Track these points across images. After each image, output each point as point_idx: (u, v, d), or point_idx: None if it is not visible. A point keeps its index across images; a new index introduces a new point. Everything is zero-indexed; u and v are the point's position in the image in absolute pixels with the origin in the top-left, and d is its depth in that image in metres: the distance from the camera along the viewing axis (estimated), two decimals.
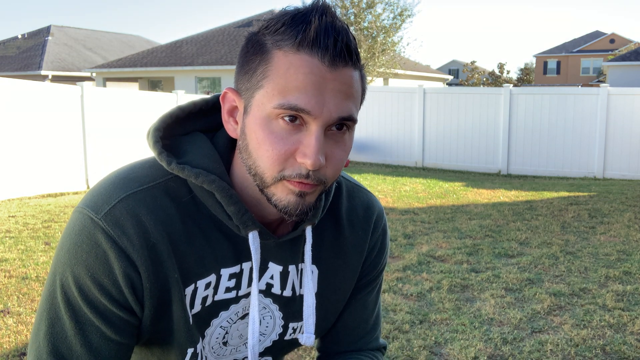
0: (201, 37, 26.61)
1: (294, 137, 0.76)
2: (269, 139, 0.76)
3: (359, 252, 1.00)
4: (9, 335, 3.68)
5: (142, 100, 11.57)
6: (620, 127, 12.05)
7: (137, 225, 0.79)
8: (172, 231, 0.82)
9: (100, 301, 0.80)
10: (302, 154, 0.76)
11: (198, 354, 0.89)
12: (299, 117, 0.76)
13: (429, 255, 5.56)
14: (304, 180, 0.77)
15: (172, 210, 0.82)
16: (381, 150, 14.20)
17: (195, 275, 0.84)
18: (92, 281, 0.79)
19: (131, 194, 0.80)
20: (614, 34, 50.68)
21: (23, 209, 7.79)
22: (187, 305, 0.84)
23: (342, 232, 0.97)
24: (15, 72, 25.09)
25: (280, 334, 0.97)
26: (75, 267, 0.79)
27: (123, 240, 0.78)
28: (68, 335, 0.80)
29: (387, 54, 20.27)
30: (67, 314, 0.80)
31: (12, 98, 8.88)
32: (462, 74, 51.52)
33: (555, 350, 3.48)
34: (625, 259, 5.40)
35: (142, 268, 0.79)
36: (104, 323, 0.81)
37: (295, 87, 0.74)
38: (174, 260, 0.82)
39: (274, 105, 0.75)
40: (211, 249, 0.85)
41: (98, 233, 0.78)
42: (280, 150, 0.76)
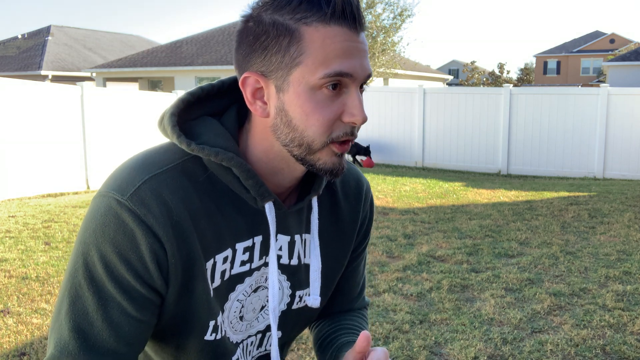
0: (201, 37, 26.61)
1: (337, 102, 0.85)
2: (318, 108, 0.84)
3: (353, 222, 1.09)
4: (9, 335, 3.68)
5: (142, 100, 11.57)
6: (620, 127, 12.05)
7: (162, 204, 0.84)
8: (192, 209, 0.87)
9: (125, 277, 0.83)
10: (350, 114, 0.85)
11: (218, 326, 0.94)
12: (339, 83, 0.84)
13: (429, 255, 5.56)
14: (349, 138, 0.87)
15: (191, 189, 0.88)
16: (381, 150, 14.19)
17: (214, 250, 0.90)
18: (119, 257, 0.82)
19: (153, 176, 0.86)
20: (614, 34, 50.67)
21: (23, 209, 7.79)
22: (208, 280, 0.90)
23: (338, 203, 1.06)
24: (15, 72, 25.08)
25: (289, 303, 1.03)
26: (101, 245, 0.83)
27: (149, 218, 0.83)
28: (89, 312, 0.83)
29: (387, 54, 20.26)
30: (90, 290, 0.83)
31: (12, 98, 8.88)
32: (462, 74, 51.52)
33: (555, 350, 3.48)
34: (625, 259, 5.40)
35: (167, 244, 0.84)
36: (126, 299, 0.84)
37: (336, 56, 0.83)
38: (195, 237, 0.87)
39: (320, 76, 0.83)
40: (227, 225, 0.91)
41: (124, 213, 0.82)
42: (329, 116, 0.85)
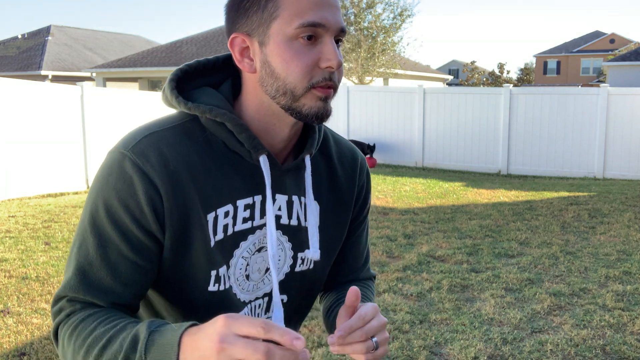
0: (201, 37, 26.60)
1: (314, 50, 0.93)
2: (296, 55, 0.92)
3: (350, 189, 1.15)
4: (9, 335, 3.68)
5: (142, 100, 11.57)
6: (620, 127, 12.05)
7: (159, 155, 0.92)
8: (191, 162, 0.95)
9: (123, 221, 0.91)
10: (326, 59, 0.92)
11: (221, 277, 0.99)
12: (314, 34, 0.92)
13: (429, 255, 5.56)
14: (329, 83, 0.94)
15: (189, 146, 0.96)
16: (381, 150, 14.19)
17: (215, 203, 0.96)
18: (119, 202, 0.91)
19: (153, 132, 0.95)
20: (614, 34, 50.66)
21: (23, 209, 7.79)
22: (209, 231, 0.96)
23: (335, 171, 1.13)
24: (15, 72, 25.08)
25: (291, 265, 1.08)
26: (105, 192, 0.92)
27: (147, 167, 0.91)
28: (90, 253, 0.92)
29: (387, 54, 20.26)
30: (92, 233, 0.92)
31: (12, 98, 8.88)
32: (462, 74, 51.52)
33: (555, 350, 3.48)
34: (625, 259, 5.40)
35: (162, 190, 0.91)
36: (123, 241, 0.91)
37: (309, 8, 0.91)
38: (193, 187, 0.94)
39: (296, 26, 0.91)
40: (226, 181, 0.98)
41: (126, 162, 0.91)
42: (307, 62, 0.92)
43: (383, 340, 0.95)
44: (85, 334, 0.88)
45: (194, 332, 0.79)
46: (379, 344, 0.93)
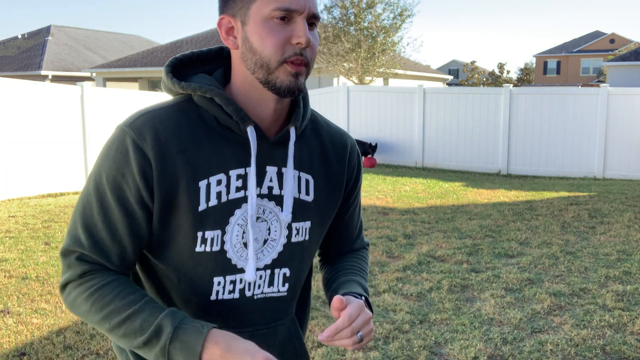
0: (201, 37, 26.60)
1: (286, 29, 1.04)
2: (270, 32, 1.04)
3: (342, 170, 1.24)
4: (9, 335, 3.68)
5: (142, 100, 11.57)
6: (620, 127, 12.05)
7: (152, 130, 1.05)
8: (182, 136, 1.07)
9: (121, 188, 1.04)
10: (296, 36, 1.04)
11: (208, 239, 1.08)
12: (287, 15, 1.04)
13: (429, 255, 5.56)
14: (299, 58, 1.05)
15: (182, 122, 1.08)
16: (381, 150, 14.19)
17: (206, 172, 1.07)
18: (117, 171, 1.04)
19: (150, 111, 1.08)
20: (614, 34, 50.66)
21: (23, 209, 7.79)
22: (201, 196, 1.07)
23: (327, 148, 1.22)
24: (15, 72, 25.08)
25: (287, 235, 1.16)
26: (107, 162, 1.06)
27: (141, 141, 1.04)
28: (94, 215, 1.06)
29: (387, 54, 20.25)
30: (95, 197, 1.06)
31: (12, 98, 8.88)
32: (462, 74, 51.52)
33: (555, 350, 3.48)
34: (625, 259, 5.40)
35: (153, 161, 1.04)
36: (120, 206, 1.05)
37: None
38: (183, 158, 1.06)
39: (272, 8, 1.03)
40: (219, 153, 1.08)
41: (125, 137, 1.05)
42: (280, 37, 1.04)
43: (367, 332, 1.07)
44: (102, 303, 1.03)
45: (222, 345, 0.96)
46: (364, 336, 1.07)
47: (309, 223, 1.18)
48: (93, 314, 1.05)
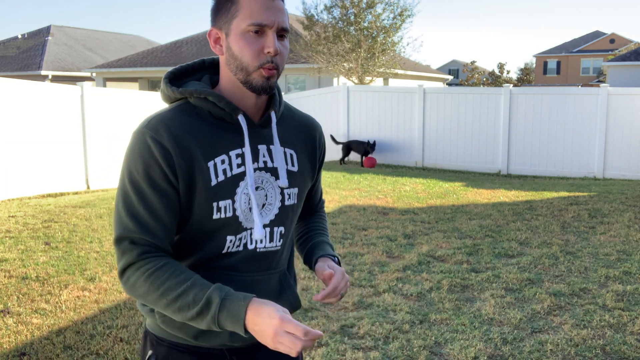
0: (201, 37, 26.59)
1: (260, 41, 1.31)
2: (247, 44, 1.31)
3: (313, 147, 1.53)
4: (9, 335, 3.68)
5: (142, 101, 11.57)
6: (620, 127, 12.05)
7: (165, 127, 1.30)
8: (189, 129, 1.33)
9: (152, 177, 1.28)
10: (267, 47, 1.30)
11: (222, 208, 1.33)
12: (260, 30, 1.30)
13: (429, 255, 5.56)
14: (270, 65, 1.31)
15: (185, 118, 1.34)
16: (381, 150, 14.19)
17: (212, 154, 1.33)
18: (144, 164, 1.28)
19: (159, 114, 1.34)
20: (614, 34, 50.65)
21: (23, 209, 7.79)
22: (211, 174, 1.32)
23: (301, 130, 1.51)
24: (15, 72, 25.08)
25: (281, 200, 1.43)
26: (135, 160, 1.29)
27: (157, 135, 1.28)
28: (135, 204, 1.29)
29: (387, 54, 20.24)
30: (132, 190, 1.29)
31: (12, 98, 8.88)
32: (462, 74, 51.49)
33: (555, 350, 3.48)
34: (625, 259, 5.40)
35: (172, 150, 1.28)
36: (154, 191, 1.28)
37: (256, 12, 1.30)
38: (193, 145, 1.31)
39: (247, 24, 1.30)
40: (219, 138, 1.34)
41: (144, 136, 1.29)
42: (254, 48, 1.30)
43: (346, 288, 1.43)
44: (159, 282, 1.26)
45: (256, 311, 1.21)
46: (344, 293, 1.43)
47: (297, 189, 1.46)
48: (152, 293, 1.27)
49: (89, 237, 6.16)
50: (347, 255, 5.57)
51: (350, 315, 4.01)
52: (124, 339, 3.64)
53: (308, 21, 20.23)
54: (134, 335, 3.70)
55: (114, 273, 4.98)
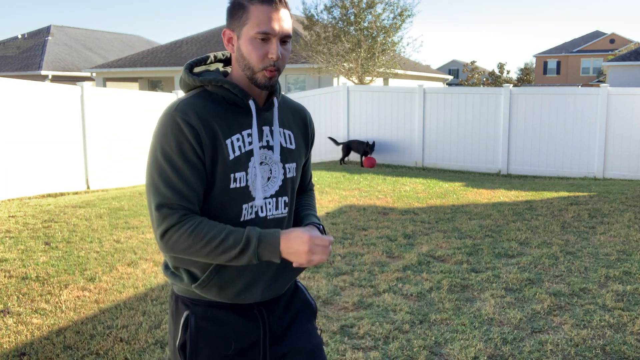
0: (201, 37, 26.59)
1: (265, 46, 1.55)
2: (254, 48, 1.55)
3: (305, 128, 1.80)
4: (9, 335, 3.68)
5: (142, 101, 11.57)
6: (620, 127, 12.05)
7: (192, 110, 1.54)
8: (211, 111, 1.57)
9: (182, 150, 1.51)
10: (271, 52, 1.55)
11: (237, 179, 1.59)
12: (266, 37, 1.54)
13: (429, 255, 5.56)
14: (272, 68, 1.56)
15: (205, 104, 1.58)
16: (381, 150, 14.19)
17: (229, 133, 1.58)
18: (177, 142, 1.52)
19: (183, 99, 1.58)
20: (614, 34, 50.64)
21: (23, 209, 7.79)
22: (229, 150, 1.57)
23: (295, 115, 1.78)
24: (15, 72, 25.07)
25: (284, 173, 1.69)
26: (165, 139, 1.52)
27: (186, 117, 1.53)
28: (170, 175, 1.52)
29: (387, 54, 20.24)
30: (167, 164, 1.52)
31: (12, 98, 8.88)
32: (462, 74, 51.49)
33: (555, 350, 3.48)
34: (625, 259, 5.40)
35: (199, 129, 1.53)
36: (186, 163, 1.52)
37: (264, 22, 1.54)
38: (215, 124, 1.56)
39: (255, 32, 1.54)
40: (233, 120, 1.60)
41: (174, 118, 1.53)
42: (260, 53, 1.55)
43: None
44: (202, 235, 1.51)
45: (287, 239, 1.51)
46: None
47: (295, 164, 1.72)
48: (195, 244, 1.51)
49: (89, 237, 6.16)
50: (347, 255, 5.57)
51: (350, 315, 4.01)
52: (124, 339, 3.64)
53: (308, 21, 20.22)
54: (134, 335, 3.70)
55: (114, 273, 4.98)
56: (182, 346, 1.63)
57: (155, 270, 5.08)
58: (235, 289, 1.62)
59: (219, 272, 1.60)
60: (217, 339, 1.64)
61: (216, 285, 1.61)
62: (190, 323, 1.63)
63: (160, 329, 3.80)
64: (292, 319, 1.76)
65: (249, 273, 1.63)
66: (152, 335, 3.68)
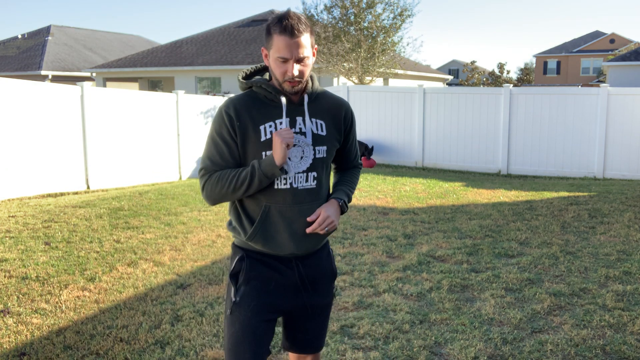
0: (201, 37, 26.58)
1: (285, 65, 2.01)
2: (277, 66, 2.02)
3: (339, 118, 2.23)
4: (9, 335, 3.68)
5: (142, 101, 11.56)
6: (620, 127, 12.05)
7: (233, 104, 2.08)
8: (250, 105, 2.09)
9: (221, 133, 2.07)
10: (289, 71, 2.01)
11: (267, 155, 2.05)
12: (284, 60, 2.00)
13: (429, 255, 5.56)
14: (293, 80, 2.03)
15: (248, 100, 2.10)
16: (381, 150, 14.19)
17: (262, 121, 2.07)
18: (218, 127, 2.07)
19: (233, 98, 2.11)
20: (614, 34, 50.63)
21: (23, 209, 7.79)
22: (262, 133, 2.07)
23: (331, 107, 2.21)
24: (15, 72, 25.06)
25: (314, 153, 2.12)
26: (215, 124, 2.09)
27: (228, 109, 2.07)
28: (212, 150, 2.09)
29: (387, 54, 20.22)
30: (212, 144, 2.09)
31: (12, 98, 8.88)
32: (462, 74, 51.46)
33: (555, 350, 3.48)
34: (625, 259, 5.40)
35: (235, 117, 2.05)
36: (222, 142, 2.07)
37: (282, 49, 1.99)
38: (250, 115, 2.07)
39: (277, 56, 2.00)
40: (268, 112, 2.08)
41: (222, 109, 2.07)
42: (282, 70, 2.02)
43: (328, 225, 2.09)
44: (225, 178, 2.06)
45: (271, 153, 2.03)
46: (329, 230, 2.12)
47: (325, 147, 2.14)
48: (221, 187, 2.06)
49: (89, 237, 6.15)
50: (347, 255, 5.57)
51: (350, 315, 4.01)
52: (124, 339, 3.64)
53: (308, 21, 20.19)
54: (134, 335, 3.70)
55: (114, 273, 4.99)
56: (234, 274, 2.15)
57: (155, 270, 5.09)
58: (275, 242, 2.09)
59: (262, 226, 2.09)
60: (263, 274, 2.13)
61: (261, 238, 2.09)
62: (245, 259, 2.14)
63: (160, 329, 3.80)
64: (321, 276, 2.22)
65: (283, 229, 2.08)
66: (152, 335, 3.68)
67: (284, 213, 2.08)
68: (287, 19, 1.97)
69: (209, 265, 5.26)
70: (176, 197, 8.78)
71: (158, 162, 11.73)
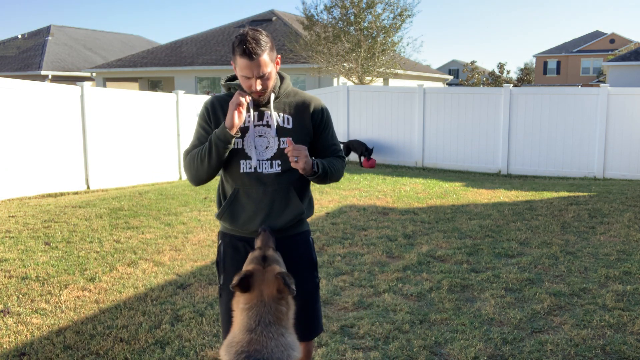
0: (201, 37, 26.58)
1: (248, 82, 2.30)
2: (242, 82, 2.33)
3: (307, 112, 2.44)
4: (9, 335, 3.68)
5: (142, 101, 11.56)
6: (620, 127, 12.05)
7: (212, 101, 2.45)
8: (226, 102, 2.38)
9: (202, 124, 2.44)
10: (252, 87, 2.30)
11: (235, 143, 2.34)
12: (247, 78, 2.29)
13: (429, 255, 5.56)
14: (257, 93, 2.33)
15: (227, 97, 2.40)
16: (381, 150, 14.18)
17: None
18: (201, 117, 2.45)
19: (215, 95, 2.50)
20: (614, 34, 50.61)
21: (23, 209, 7.79)
22: None
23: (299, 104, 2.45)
24: (15, 72, 25.05)
25: (278, 144, 2.35)
26: (199, 115, 2.47)
27: (207, 104, 2.45)
28: (195, 135, 2.46)
29: (387, 54, 20.22)
30: (196, 131, 2.46)
31: (12, 98, 8.88)
32: (462, 74, 51.44)
33: (555, 350, 3.48)
34: (625, 259, 5.40)
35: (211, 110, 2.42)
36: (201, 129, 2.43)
37: (243, 69, 2.27)
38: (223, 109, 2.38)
39: (241, 74, 2.30)
40: None
41: (204, 104, 2.47)
42: (246, 85, 2.32)
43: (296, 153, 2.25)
44: (193, 153, 2.37)
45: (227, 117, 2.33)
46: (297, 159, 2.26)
47: (290, 139, 2.27)
48: (191, 159, 2.37)
49: (89, 237, 6.15)
50: (347, 255, 5.57)
51: (350, 315, 4.01)
52: (124, 339, 3.64)
53: (308, 21, 20.21)
54: (134, 335, 3.70)
55: (114, 273, 4.99)
56: (217, 263, 2.45)
57: (155, 271, 5.09)
58: (241, 220, 2.36)
59: (230, 206, 2.37)
60: (236, 260, 2.34)
61: (228, 217, 2.37)
62: (220, 249, 2.44)
63: (160, 329, 3.80)
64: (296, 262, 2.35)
65: (249, 208, 2.34)
66: (152, 335, 3.68)
67: (250, 194, 2.34)
68: (246, 43, 2.20)
69: (209, 265, 5.26)
70: (176, 197, 8.78)
71: (158, 162, 11.73)
